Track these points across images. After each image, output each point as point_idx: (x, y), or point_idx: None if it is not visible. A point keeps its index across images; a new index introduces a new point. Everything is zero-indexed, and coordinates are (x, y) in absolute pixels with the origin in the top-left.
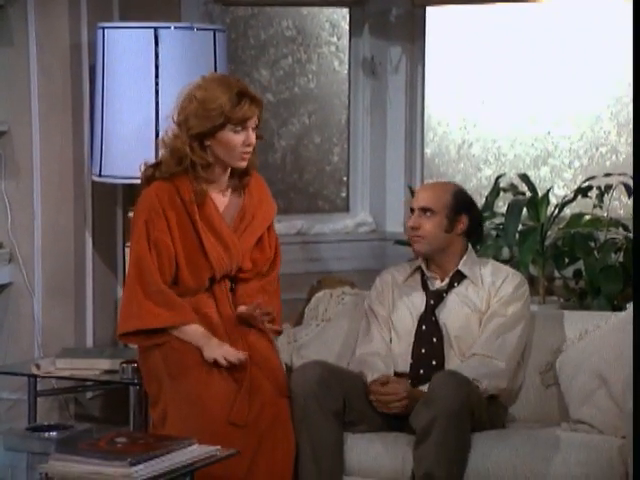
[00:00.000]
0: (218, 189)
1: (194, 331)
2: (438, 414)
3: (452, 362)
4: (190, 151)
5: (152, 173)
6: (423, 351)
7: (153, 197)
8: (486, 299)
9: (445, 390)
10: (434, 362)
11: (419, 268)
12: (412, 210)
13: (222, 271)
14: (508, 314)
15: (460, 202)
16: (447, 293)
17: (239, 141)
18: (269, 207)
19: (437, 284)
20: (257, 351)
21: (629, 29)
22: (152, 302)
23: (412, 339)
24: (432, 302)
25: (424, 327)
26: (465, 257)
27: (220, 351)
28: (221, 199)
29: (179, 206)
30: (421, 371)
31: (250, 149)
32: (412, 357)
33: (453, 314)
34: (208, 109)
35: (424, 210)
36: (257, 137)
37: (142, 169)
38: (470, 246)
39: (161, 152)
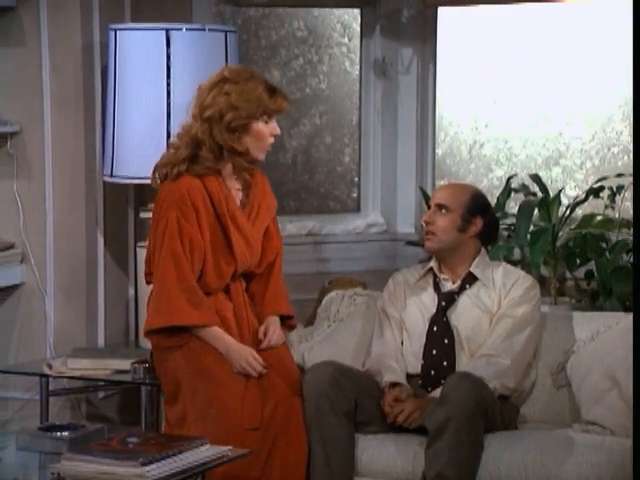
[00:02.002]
0: (232, 184)
1: (216, 334)
2: (452, 415)
3: (463, 363)
4: (225, 142)
5: (186, 169)
6: (434, 352)
7: (184, 193)
8: (497, 301)
9: (460, 391)
10: (445, 363)
11: (431, 270)
12: (429, 208)
13: (244, 267)
14: (517, 315)
15: (477, 204)
16: (459, 295)
17: (268, 132)
18: (271, 199)
19: (449, 286)
20: (272, 352)
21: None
22: (184, 299)
23: (423, 340)
24: (444, 303)
25: (435, 328)
26: (477, 259)
27: (242, 363)
28: (236, 194)
29: (208, 203)
30: (432, 372)
31: (273, 140)
32: (423, 358)
33: (464, 315)
34: (247, 100)
35: (440, 207)
36: None
37: (160, 170)
38: (483, 249)
39: (184, 150)
